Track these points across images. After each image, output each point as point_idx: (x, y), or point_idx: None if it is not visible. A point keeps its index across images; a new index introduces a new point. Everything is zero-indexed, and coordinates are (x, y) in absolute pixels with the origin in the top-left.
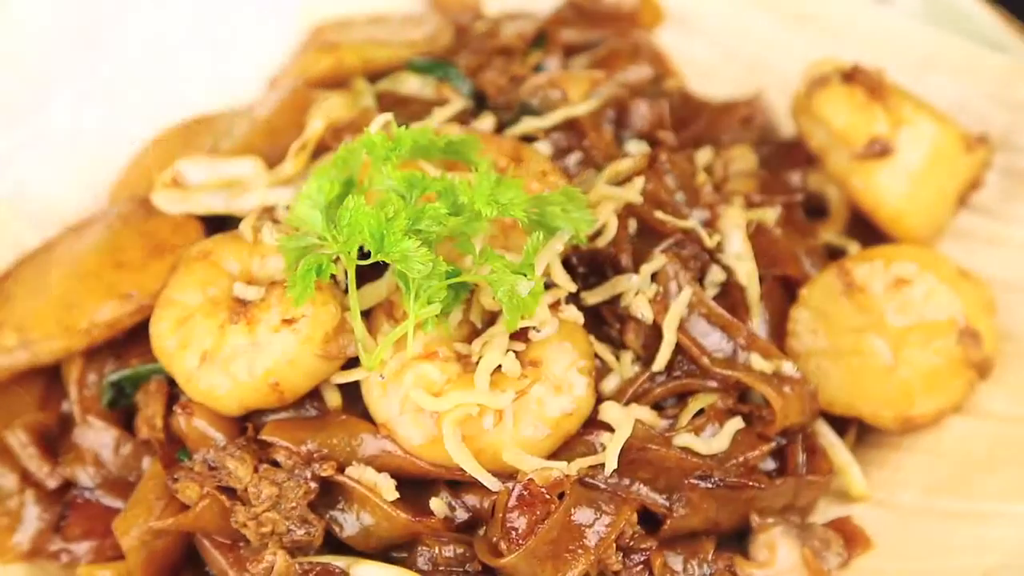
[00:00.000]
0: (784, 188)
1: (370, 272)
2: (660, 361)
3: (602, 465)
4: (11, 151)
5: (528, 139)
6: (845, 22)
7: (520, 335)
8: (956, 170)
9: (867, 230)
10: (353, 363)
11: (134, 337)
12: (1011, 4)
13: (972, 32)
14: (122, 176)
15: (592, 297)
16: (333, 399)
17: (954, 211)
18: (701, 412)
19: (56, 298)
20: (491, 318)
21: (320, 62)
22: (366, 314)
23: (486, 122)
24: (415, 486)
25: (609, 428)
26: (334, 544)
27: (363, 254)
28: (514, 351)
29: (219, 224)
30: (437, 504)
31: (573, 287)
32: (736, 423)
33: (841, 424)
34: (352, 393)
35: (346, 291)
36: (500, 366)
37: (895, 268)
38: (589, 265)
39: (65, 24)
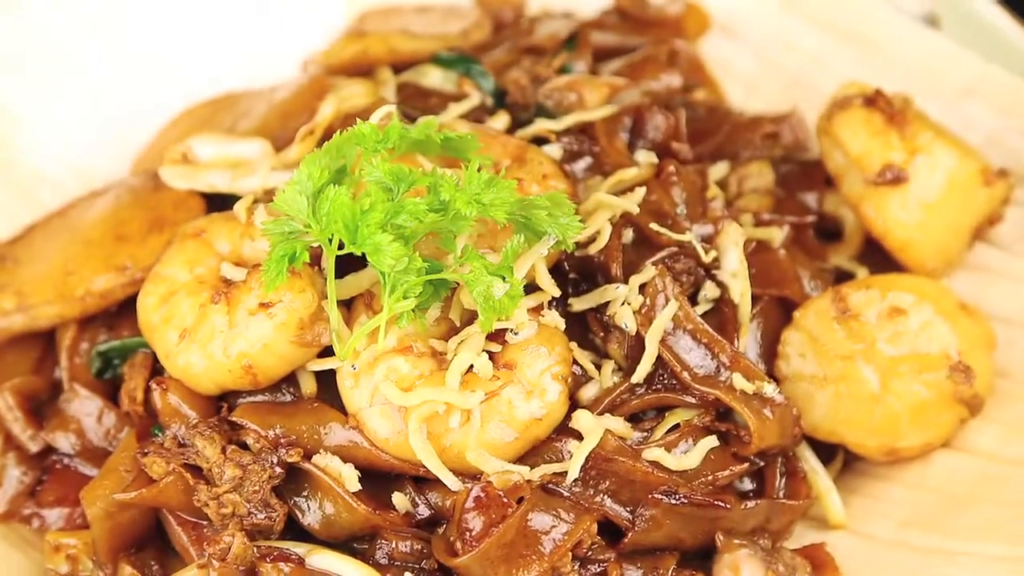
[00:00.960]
0: (798, 208)
1: (358, 262)
2: (640, 373)
3: (566, 472)
4: (44, 115)
5: (540, 141)
6: (892, 43)
7: (498, 336)
8: (972, 203)
9: (883, 256)
10: (332, 351)
11: (128, 309)
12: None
13: (1016, 63)
14: (146, 148)
15: (579, 304)
16: (308, 385)
17: (969, 244)
18: (677, 427)
19: (57, 265)
20: (471, 317)
21: (346, 49)
22: (348, 304)
23: (500, 121)
24: (381, 479)
25: (580, 436)
26: (297, 530)
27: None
28: (490, 352)
29: (224, 203)
30: (399, 499)
31: (556, 292)
32: (710, 441)
33: (830, 450)
34: (330, 381)
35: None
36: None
37: (892, 297)
38: (581, 271)
39: None
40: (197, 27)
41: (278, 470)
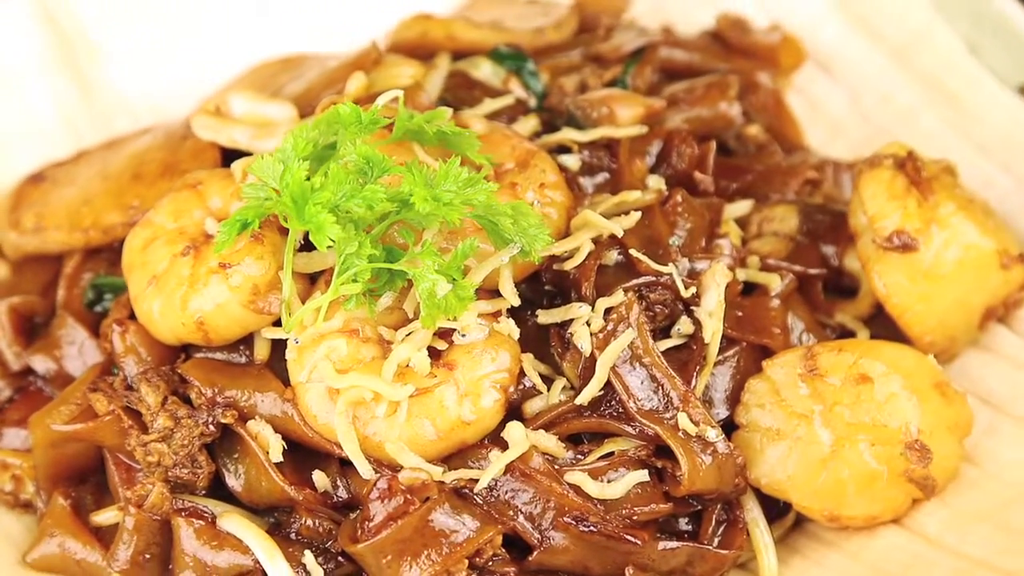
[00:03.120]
0: (815, 259)
1: None
2: (585, 395)
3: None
4: (131, 49)
5: (566, 149)
6: (982, 108)
7: (447, 335)
8: (984, 284)
9: (893, 322)
10: None
11: None
12: None
13: None
14: (210, 96)
15: (545, 317)
16: (261, 351)
17: (980, 326)
18: (612, 455)
19: (80, 194)
20: None
21: (410, 29)
22: (313, 278)
23: (527, 124)
24: (311, 455)
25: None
26: (228, 492)
27: None
28: (435, 349)
29: None
30: (320, 478)
31: (516, 301)
32: (639, 475)
33: (786, 505)
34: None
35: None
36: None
37: (863, 364)
38: (557, 285)
39: None
40: None
41: (211, 428)
